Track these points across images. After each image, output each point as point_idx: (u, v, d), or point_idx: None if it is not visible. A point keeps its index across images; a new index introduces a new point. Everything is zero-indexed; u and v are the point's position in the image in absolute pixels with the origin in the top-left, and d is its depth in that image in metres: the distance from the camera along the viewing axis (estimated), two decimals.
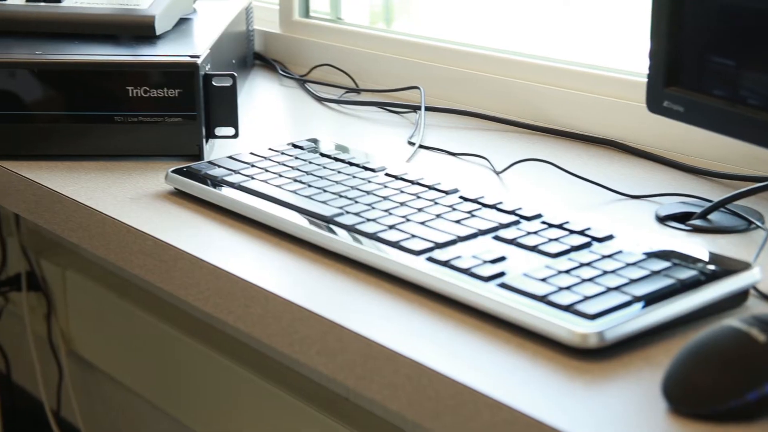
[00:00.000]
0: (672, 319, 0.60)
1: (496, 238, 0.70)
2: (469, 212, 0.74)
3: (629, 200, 0.84)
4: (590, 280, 0.63)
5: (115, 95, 0.91)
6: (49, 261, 1.67)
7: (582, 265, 0.65)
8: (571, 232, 0.70)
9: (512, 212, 0.74)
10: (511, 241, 0.69)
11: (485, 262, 0.66)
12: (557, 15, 1.18)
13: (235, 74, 0.92)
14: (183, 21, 1.09)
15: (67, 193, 0.84)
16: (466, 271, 0.65)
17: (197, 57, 0.91)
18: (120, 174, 0.89)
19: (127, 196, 0.84)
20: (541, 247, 0.68)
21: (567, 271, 0.64)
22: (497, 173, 0.91)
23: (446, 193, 0.78)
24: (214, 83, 0.92)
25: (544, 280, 0.63)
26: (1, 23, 1.01)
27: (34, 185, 0.87)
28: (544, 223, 0.72)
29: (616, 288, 0.61)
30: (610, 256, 0.66)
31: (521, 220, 0.73)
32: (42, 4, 1.02)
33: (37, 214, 0.87)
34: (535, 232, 0.70)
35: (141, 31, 1.00)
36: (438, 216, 0.74)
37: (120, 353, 1.53)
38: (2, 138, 0.91)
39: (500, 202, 0.75)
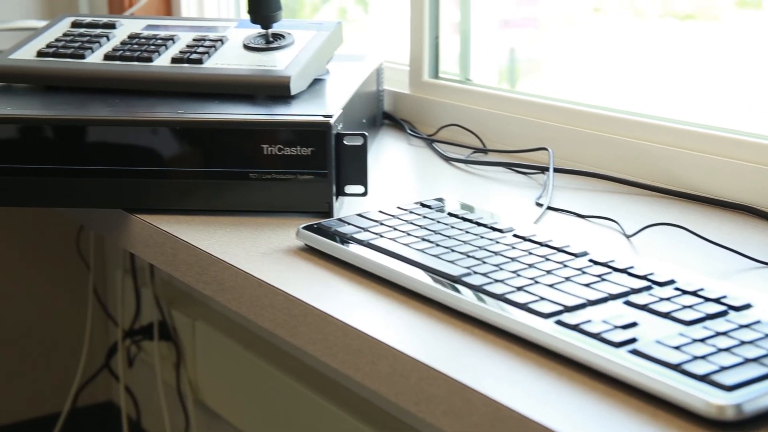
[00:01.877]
0: None
1: (627, 303, 0.69)
2: (599, 276, 0.73)
3: (767, 268, 0.81)
4: (727, 350, 0.61)
5: (251, 153, 0.93)
6: (179, 311, 1.72)
7: (718, 334, 0.63)
8: (706, 299, 0.68)
9: (644, 277, 0.72)
10: (643, 307, 0.68)
11: (616, 327, 0.65)
12: (690, 77, 1.16)
13: (366, 134, 0.94)
14: (317, 81, 1.12)
15: (203, 247, 0.87)
16: (596, 336, 0.64)
17: (330, 117, 0.93)
18: (253, 229, 0.91)
19: (259, 251, 0.86)
20: (675, 314, 0.66)
21: (702, 340, 0.62)
22: (627, 237, 0.89)
23: (575, 255, 0.77)
24: (345, 142, 0.94)
25: (677, 348, 0.61)
26: (148, 83, 1.06)
27: (172, 238, 0.90)
28: (677, 289, 0.70)
29: (755, 359, 0.59)
30: (747, 325, 0.64)
31: (653, 286, 0.71)
32: (185, 65, 1.06)
33: (173, 266, 0.91)
34: (668, 299, 0.69)
35: (277, 91, 1.03)
36: (567, 279, 0.73)
37: (245, 405, 1.56)
38: (144, 192, 0.95)
39: (631, 267, 0.74)
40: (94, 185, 0.95)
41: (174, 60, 1.07)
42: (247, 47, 1.09)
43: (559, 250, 0.78)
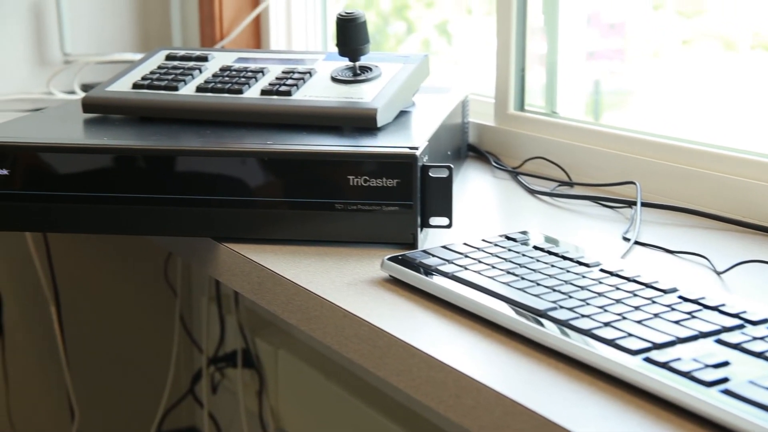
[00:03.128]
0: None
1: (719, 341, 0.67)
2: (689, 313, 0.72)
3: None
4: None
5: (337, 184, 0.94)
6: (263, 340, 1.74)
7: None
8: None
9: (736, 315, 0.71)
10: (735, 346, 0.66)
11: (707, 366, 0.63)
12: None
13: (452, 166, 0.94)
14: (403, 113, 1.13)
15: (289, 276, 0.88)
16: (686, 375, 0.62)
17: (416, 149, 0.94)
18: (337, 259, 0.92)
19: (344, 281, 0.86)
20: None
21: None
22: (718, 273, 0.87)
23: (664, 292, 0.76)
24: (431, 174, 0.94)
25: None
26: (238, 115, 1.08)
27: (259, 267, 0.92)
28: None
29: None
30: None
31: (746, 324, 0.69)
32: (274, 97, 1.08)
33: (259, 295, 0.92)
34: (762, 338, 0.67)
35: (364, 123, 1.04)
36: (656, 315, 0.71)
37: None
38: (232, 222, 0.97)
39: (723, 304, 0.72)
40: (184, 214, 0.97)
41: (263, 92, 1.09)
42: (334, 79, 1.11)
43: (647, 285, 0.77)
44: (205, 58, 1.20)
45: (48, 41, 1.87)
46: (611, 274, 0.80)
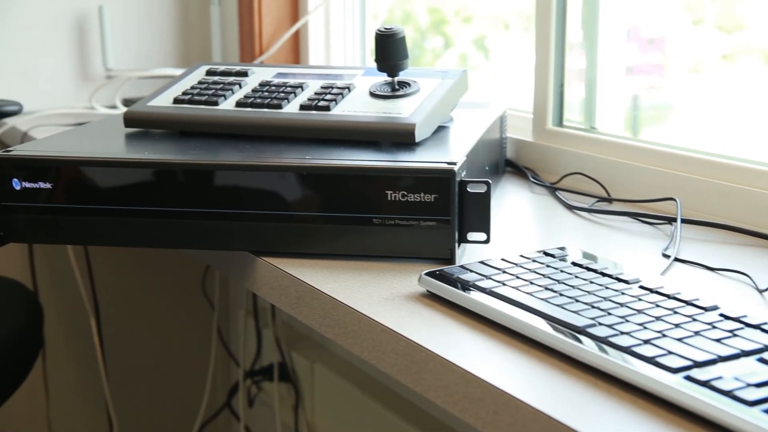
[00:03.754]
0: None
1: (761, 360, 0.66)
2: (730, 331, 0.71)
3: None
4: None
5: (375, 199, 0.95)
6: (299, 353, 1.74)
7: None
8: None
9: None
10: None
11: (749, 385, 0.62)
12: None
13: (490, 181, 0.94)
14: (441, 128, 1.13)
15: (327, 291, 0.88)
16: (728, 394, 0.62)
17: (454, 164, 0.94)
18: (375, 274, 0.92)
19: (381, 296, 0.86)
20: None
21: None
22: (760, 291, 0.86)
23: (705, 309, 0.75)
24: (469, 189, 0.94)
25: None
26: (277, 130, 1.09)
27: (297, 281, 0.92)
28: None
29: None
30: None
31: None
32: (313, 112, 1.09)
33: (297, 309, 0.92)
34: None
35: (402, 138, 1.04)
36: (696, 333, 0.71)
37: None
38: (270, 236, 0.97)
39: (765, 323, 0.72)
40: (223, 228, 0.98)
41: (302, 107, 1.10)
42: (373, 95, 1.11)
43: (687, 303, 0.76)
44: (244, 74, 1.21)
45: (91, 57, 1.90)
46: (651, 291, 0.80)
